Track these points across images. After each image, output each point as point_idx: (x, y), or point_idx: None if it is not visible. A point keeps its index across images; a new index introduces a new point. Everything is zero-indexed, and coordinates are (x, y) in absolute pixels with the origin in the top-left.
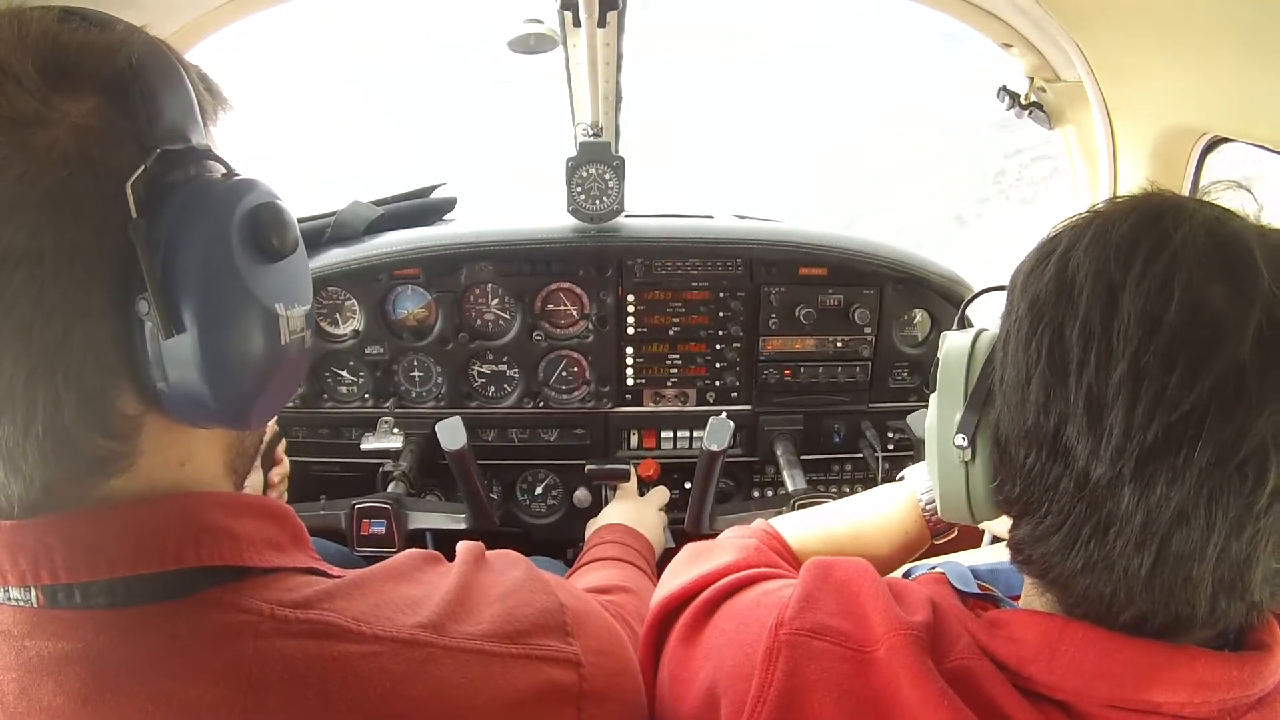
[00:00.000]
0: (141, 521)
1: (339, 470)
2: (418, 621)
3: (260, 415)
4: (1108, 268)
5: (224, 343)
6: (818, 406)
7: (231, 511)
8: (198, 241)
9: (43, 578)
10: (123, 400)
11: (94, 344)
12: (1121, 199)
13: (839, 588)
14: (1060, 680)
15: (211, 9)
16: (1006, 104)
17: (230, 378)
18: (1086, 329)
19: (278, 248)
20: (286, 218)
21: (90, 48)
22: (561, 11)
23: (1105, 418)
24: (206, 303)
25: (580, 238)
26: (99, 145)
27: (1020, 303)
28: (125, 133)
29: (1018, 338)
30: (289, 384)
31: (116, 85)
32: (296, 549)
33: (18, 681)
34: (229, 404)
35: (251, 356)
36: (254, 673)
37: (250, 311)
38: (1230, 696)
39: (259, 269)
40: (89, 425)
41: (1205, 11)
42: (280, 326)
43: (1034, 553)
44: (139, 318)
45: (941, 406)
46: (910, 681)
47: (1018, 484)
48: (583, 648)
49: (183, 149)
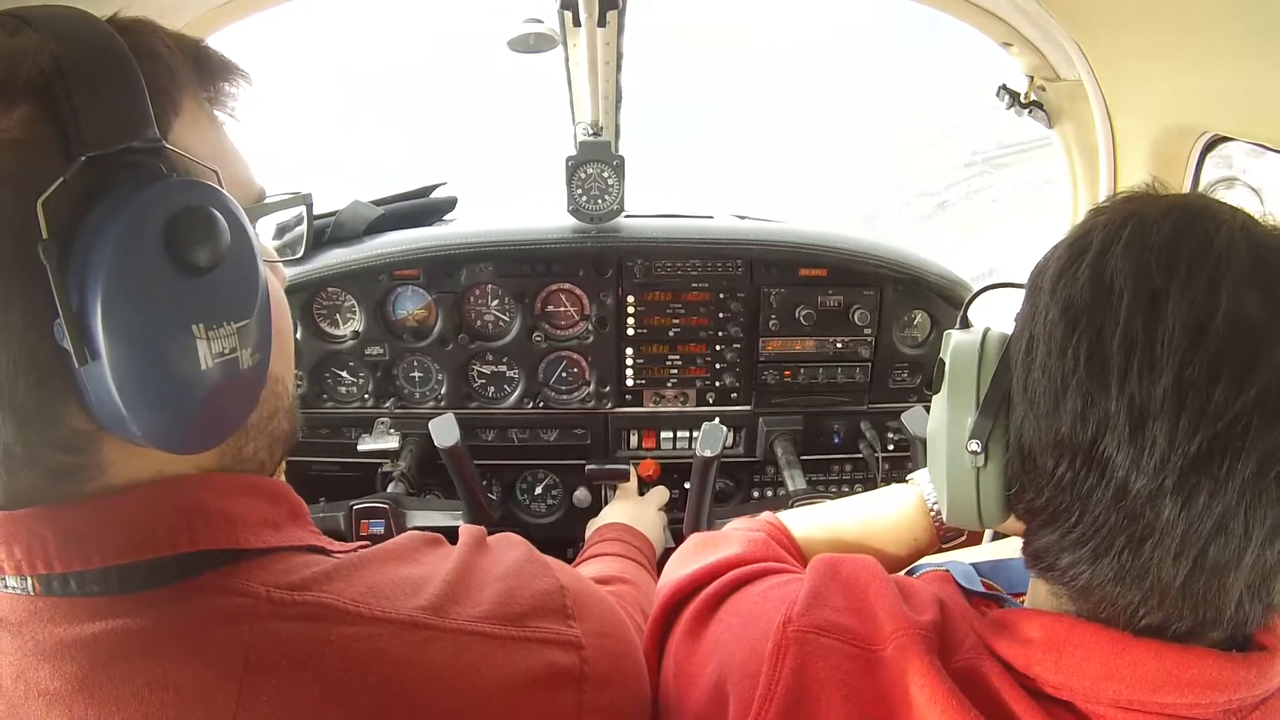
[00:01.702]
0: (130, 510)
1: (339, 470)
2: (417, 604)
3: (199, 440)
4: (1149, 273)
5: (136, 368)
6: (817, 407)
7: (224, 492)
8: (109, 259)
9: (37, 567)
10: (72, 417)
11: (26, 365)
12: (1149, 197)
13: (847, 585)
14: (1067, 680)
15: (211, 9)
16: (1006, 103)
17: (150, 404)
18: (1128, 336)
19: (198, 261)
20: (212, 225)
21: (3, 54)
22: (561, 11)
23: (1148, 429)
24: (116, 327)
25: (580, 238)
26: (18, 159)
27: (1050, 306)
28: (50, 142)
29: (1049, 342)
30: (230, 405)
31: (42, 89)
32: (294, 525)
33: (15, 666)
34: (155, 430)
35: (168, 382)
36: (250, 656)
37: (161, 335)
38: (1237, 697)
39: (177, 286)
40: (38, 442)
41: (1205, 11)
42: (198, 349)
43: (1058, 561)
44: (56, 343)
45: (951, 410)
46: (918, 680)
47: (1044, 493)
48: (584, 630)
49: (116, 152)
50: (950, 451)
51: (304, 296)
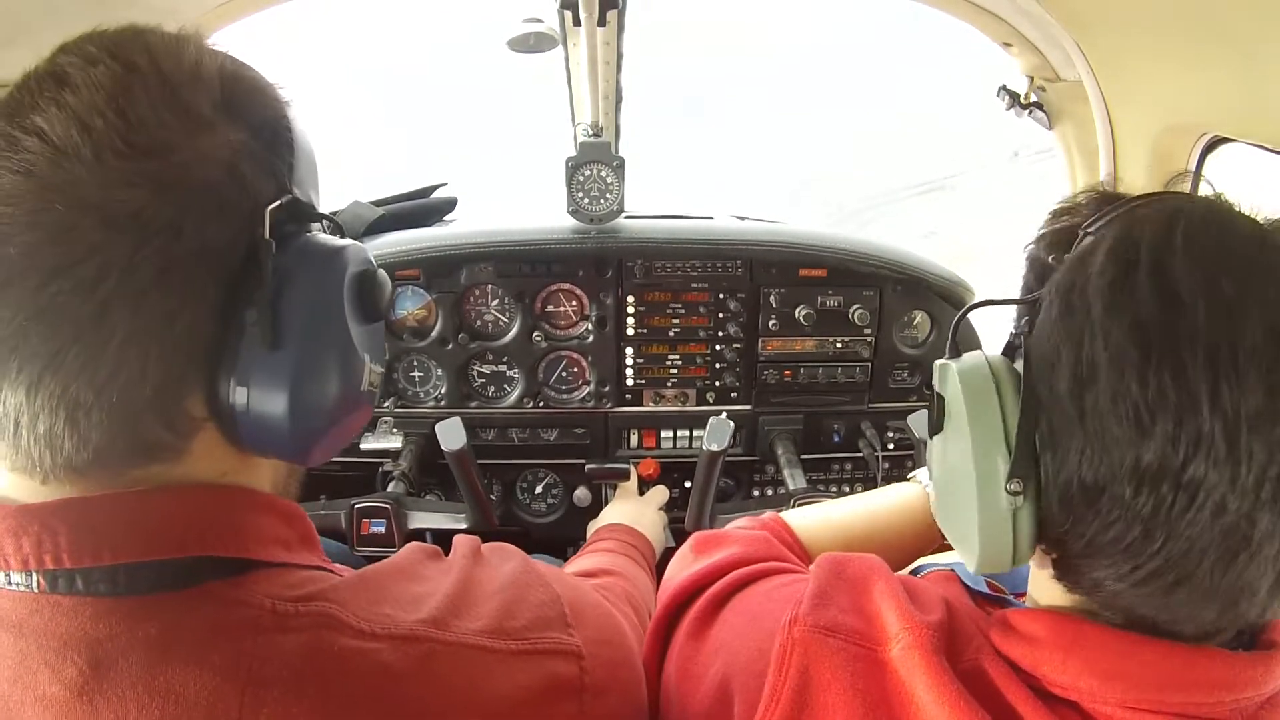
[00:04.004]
0: (152, 508)
1: (339, 470)
2: (418, 617)
3: (320, 454)
4: (1218, 281)
5: (317, 368)
6: (817, 406)
7: (240, 506)
8: (312, 279)
9: (45, 562)
10: (191, 401)
11: (192, 336)
12: (1176, 196)
13: (852, 584)
14: (1074, 680)
15: (211, 8)
16: (1006, 103)
17: (311, 405)
18: (1211, 351)
19: (376, 309)
20: (388, 287)
21: (264, 93)
22: (561, 11)
23: (1242, 443)
24: (310, 330)
25: (580, 238)
26: (249, 167)
27: (1113, 326)
28: (269, 168)
29: (1119, 365)
30: (352, 431)
31: (271, 129)
32: (304, 548)
33: (13, 668)
34: (301, 431)
35: (336, 392)
36: (254, 668)
37: (346, 351)
38: (1244, 696)
39: (357, 322)
40: (156, 409)
41: (1205, 11)
42: (364, 374)
43: (1103, 583)
44: (245, 325)
45: (977, 450)
46: (925, 681)
47: (1112, 527)
48: (583, 638)
49: (307, 203)
50: (982, 496)
51: None
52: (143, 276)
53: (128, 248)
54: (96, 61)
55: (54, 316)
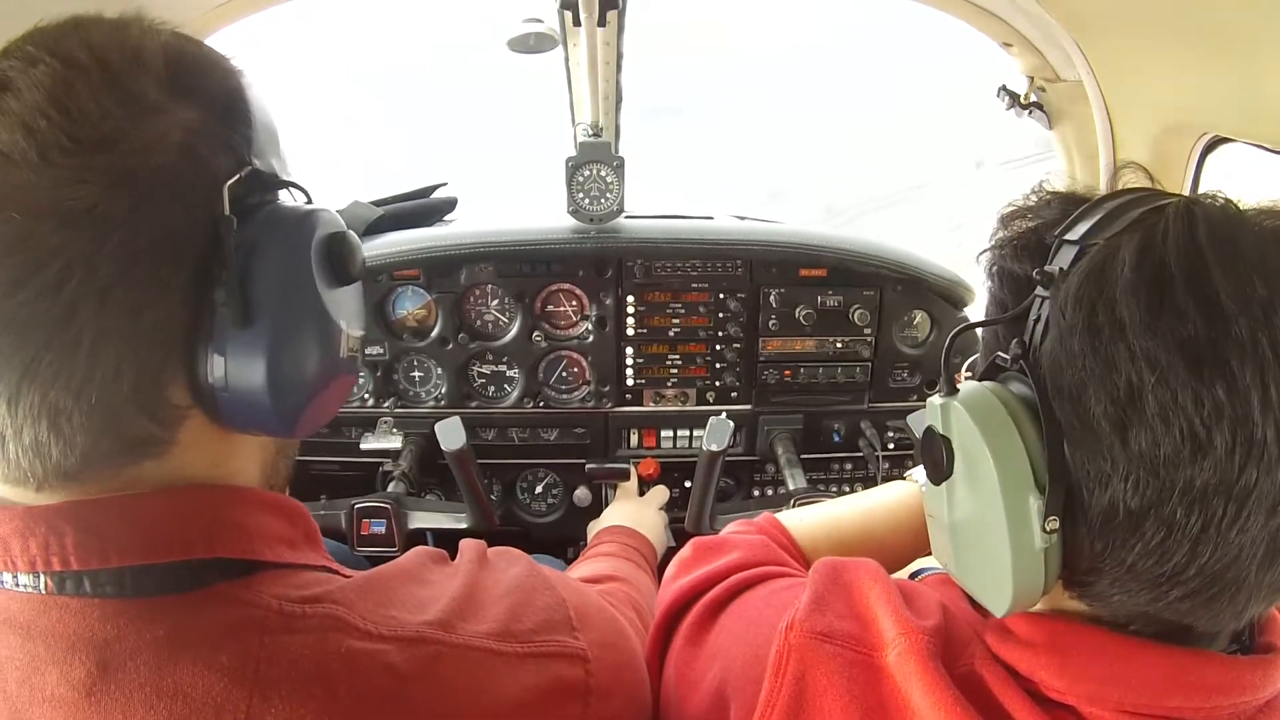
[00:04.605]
0: (154, 510)
1: (339, 470)
2: (425, 619)
3: (306, 425)
4: (1253, 284)
5: (292, 340)
6: (817, 406)
7: (244, 505)
8: (278, 250)
9: (53, 564)
10: (174, 390)
11: (164, 326)
12: (1158, 195)
13: (849, 589)
14: (1071, 685)
15: (211, 9)
16: (1006, 103)
17: (290, 377)
18: (1258, 358)
19: (349, 272)
20: (358, 247)
21: (213, 66)
22: (561, 11)
23: None
24: (281, 303)
25: (580, 239)
26: (204, 145)
27: (1155, 346)
28: (225, 143)
29: (1166, 385)
30: (336, 399)
31: (224, 103)
32: (309, 547)
33: (22, 669)
34: (284, 404)
35: (314, 361)
36: (260, 669)
37: (320, 320)
38: (1242, 700)
39: (329, 287)
40: (138, 404)
41: (1205, 11)
42: (342, 341)
43: (1115, 597)
44: (214, 305)
45: (1008, 494)
46: (921, 687)
47: (1154, 553)
48: (589, 641)
49: (269, 172)
50: (1015, 540)
51: None
52: (105, 273)
53: (87, 246)
54: (36, 61)
55: (23, 326)
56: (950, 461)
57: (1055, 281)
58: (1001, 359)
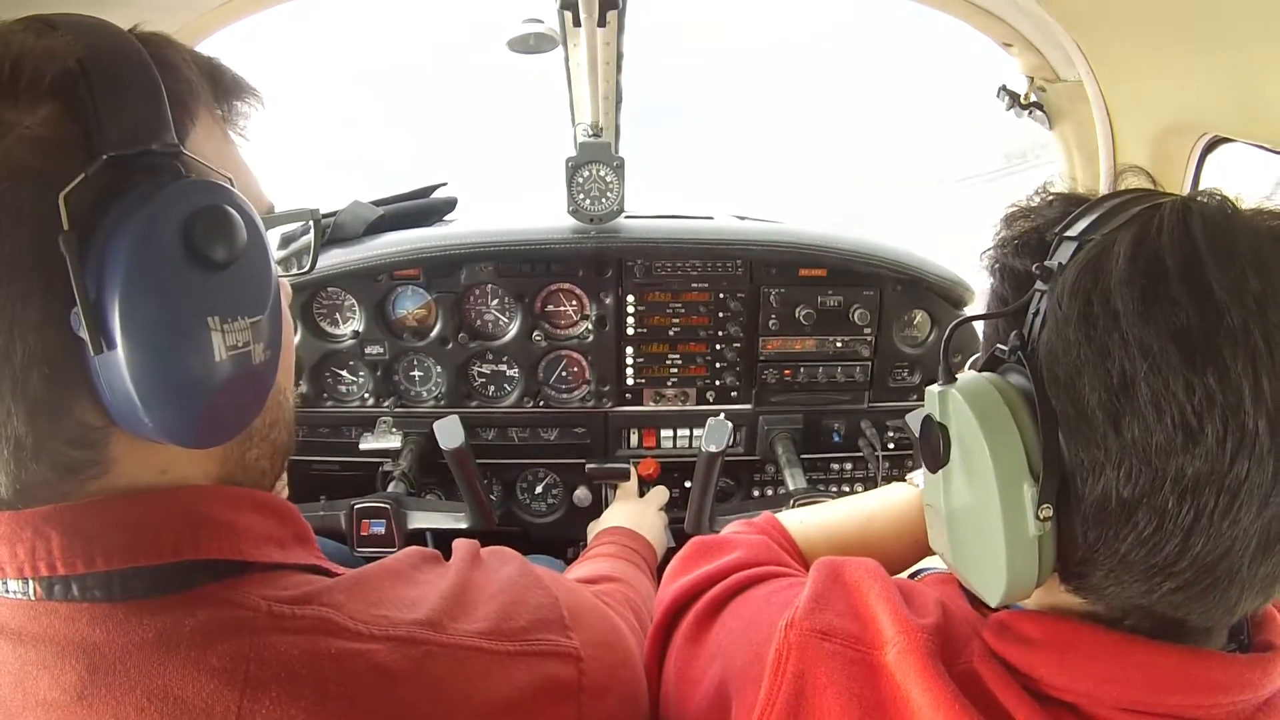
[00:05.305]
0: (139, 513)
1: (339, 470)
2: (415, 619)
3: (210, 434)
4: (1245, 281)
5: (151, 358)
6: (817, 406)
7: (232, 505)
8: (128, 251)
9: (40, 569)
10: (83, 411)
11: (40, 356)
12: (1155, 194)
13: (849, 588)
14: (1070, 683)
15: (211, 9)
16: (1006, 103)
17: (162, 395)
18: (1250, 349)
19: (216, 256)
20: (229, 223)
21: (31, 53)
22: (561, 11)
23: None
24: (133, 316)
25: (580, 238)
26: (43, 155)
27: (1148, 334)
28: (73, 140)
29: (1158, 373)
30: (242, 400)
31: (67, 89)
32: (299, 546)
33: (13, 674)
34: (167, 422)
35: (182, 370)
36: (250, 670)
37: (177, 326)
38: (1242, 699)
39: (195, 280)
40: (48, 435)
41: (1205, 11)
42: (213, 341)
43: (1141, 599)
44: (74, 333)
45: (1003, 482)
46: (920, 685)
47: (1147, 543)
48: (582, 640)
49: (136, 153)
50: (1010, 527)
51: (304, 296)
52: None
53: None
54: None
55: None
56: (947, 449)
57: (1054, 276)
58: (1000, 351)
